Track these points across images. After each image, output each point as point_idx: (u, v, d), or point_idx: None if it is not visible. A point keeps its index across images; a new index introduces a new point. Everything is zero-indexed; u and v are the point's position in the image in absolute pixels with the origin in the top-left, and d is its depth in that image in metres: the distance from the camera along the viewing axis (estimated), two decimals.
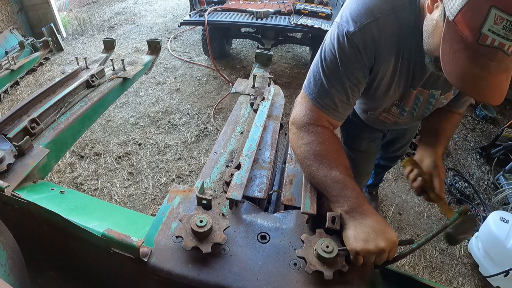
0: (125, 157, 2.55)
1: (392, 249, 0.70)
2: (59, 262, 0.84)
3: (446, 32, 0.63)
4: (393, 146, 1.64)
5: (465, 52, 0.61)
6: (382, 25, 0.77)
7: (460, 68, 0.63)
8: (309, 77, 0.89)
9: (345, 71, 0.82)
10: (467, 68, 0.62)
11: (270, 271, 0.69)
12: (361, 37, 0.78)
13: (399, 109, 1.06)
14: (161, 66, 3.87)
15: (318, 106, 0.86)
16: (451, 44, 0.62)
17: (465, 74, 0.62)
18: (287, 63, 4.07)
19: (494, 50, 0.58)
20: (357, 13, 0.77)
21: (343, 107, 0.88)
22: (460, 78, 0.64)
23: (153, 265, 0.69)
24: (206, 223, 0.68)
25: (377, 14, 0.76)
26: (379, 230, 0.70)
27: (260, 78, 1.48)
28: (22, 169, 0.94)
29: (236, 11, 3.39)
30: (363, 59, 0.81)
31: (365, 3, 0.78)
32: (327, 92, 0.85)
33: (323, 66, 0.85)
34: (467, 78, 0.63)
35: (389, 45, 0.81)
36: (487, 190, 2.50)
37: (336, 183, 0.78)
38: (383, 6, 0.77)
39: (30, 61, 2.35)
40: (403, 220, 2.21)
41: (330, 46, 0.83)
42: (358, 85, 0.86)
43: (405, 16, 0.77)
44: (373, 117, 1.17)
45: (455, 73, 0.64)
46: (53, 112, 1.21)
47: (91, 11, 5.56)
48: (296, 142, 0.88)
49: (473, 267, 1.95)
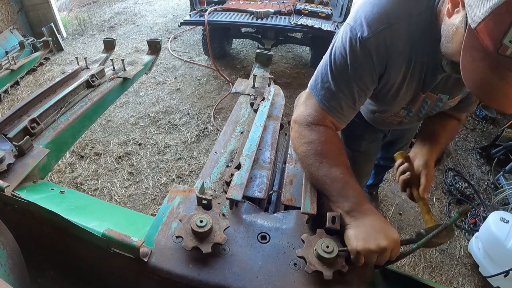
0: (125, 157, 2.55)
1: (394, 248, 0.69)
2: (59, 262, 0.84)
3: (467, 39, 0.64)
4: (394, 146, 1.64)
5: (485, 61, 0.61)
6: (396, 31, 0.76)
7: (478, 76, 0.63)
8: (317, 78, 0.88)
9: (354, 75, 0.82)
10: (486, 76, 0.62)
11: (270, 271, 0.69)
12: (374, 43, 0.77)
13: (407, 111, 1.06)
14: (161, 66, 3.87)
15: (323, 108, 0.86)
16: (471, 52, 0.63)
17: (483, 81, 0.63)
18: (287, 63, 4.07)
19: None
20: (372, 17, 0.76)
21: (348, 111, 0.88)
22: (478, 85, 0.64)
23: (153, 265, 0.69)
24: (206, 223, 0.68)
25: (392, 20, 0.75)
26: (380, 229, 0.70)
27: (260, 78, 1.48)
28: (22, 169, 0.94)
29: (236, 11, 3.39)
30: (374, 65, 0.80)
31: (381, 7, 0.76)
32: (334, 95, 0.84)
33: (332, 68, 0.84)
34: (485, 86, 0.64)
35: (401, 52, 0.80)
36: (487, 190, 2.50)
37: (337, 182, 0.78)
38: (399, 12, 0.76)
39: (30, 61, 2.35)
40: (403, 220, 2.21)
41: (341, 48, 0.81)
42: (365, 90, 0.86)
43: (421, 21, 0.76)
44: (380, 119, 1.18)
45: (474, 80, 0.64)
46: (53, 112, 1.21)
47: (91, 11, 5.56)
48: (298, 140, 0.88)
49: (473, 267, 1.95)
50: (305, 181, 0.87)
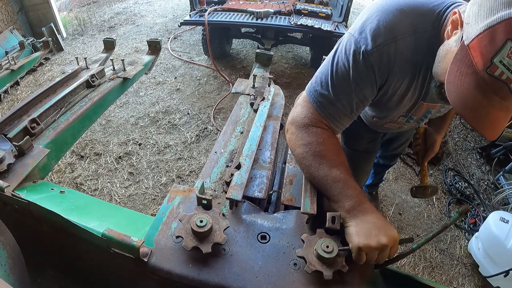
0: (125, 157, 2.55)
1: (393, 246, 0.70)
2: (59, 262, 0.84)
3: (458, 54, 0.63)
4: (393, 144, 1.64)
5: (471, 77, 0.61)
6: (400, 46, 0.76)
7: (462, 91, 0.62)
8: (316, 83, 0.87)
9: (356, 88, 0.82)
10: (470, 93, 0.61)
11: (270, 271, 0.69)
12: (377, 58, 0.77)
13: (406, 118, 1.07)
14: (161, 66, 3.87)
15: (321, 114, 0.86)
16: (460, 66, 0.63)
17: (467, 97, 0.62)
18: (287, 63, 4.07)
19: (500, 83, 0.58)
20: (377, 31, 0.76)
21: (345, 120, 0.88)
22: (460, 100, 0.63)
23: (153, 265, 0.69)
24: (206, 223, 0.68)
25: (397, 35, 0.75)
26: (380, 227, 0.70)
27: (260, 78, 1.48)
28: (22, 169, 0.94)
29: (236, 11, 3.39)
30: (375, 77, 0.81)
31: (387, 21, 0.76)
32: (332, 104, 0.84)
33: (333, 78, 0.83)
34: (468, 102, 0.63)
35: (404, 66, 0.80)
36: (487, 190, 2.50)
37: (337, 182, 0.78)
38: (404, 27, 0.76)
39: (30, 61, 2.35)
40: (403, 220, 2.21)
41: (345, 60, 0.81)
42: (364, 101, 0.86)
43: (426, 38, 0.76)
44: (378, 123, 1.19)
45: (457, 94, 0.64)
46: (53, 112, 1.21)
47: (91, 11, 5.56)
48: (294, 142, 0.87)
49: (473, 267, 1.95)
50: (305, 181, 0.87)
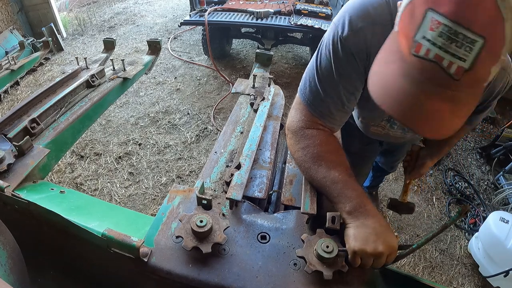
0: (125, 157, 2.55)
1: (390, 254, 0.68)
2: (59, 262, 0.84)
3: (386, 43, 0.57)
4: (393, 156, 1.67)
5: (397, 63, 0.53)
6: (378, 30, 0.70)
7: (387, 80, 0.54)
8: (305, 82, 0.85)
9: (340, 78, 0.78)
10: (395, 81, 0.53)
11: (270, 271, 0.69)
12: (353, 41, 0.73)
13: (389, 123, 1.06)
14: (161, 66, 3.87)
15: (313, 113, 0.84)
16: (387, 55, 0.56)
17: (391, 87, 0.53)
18: (287, 63, 4.07)
19: (430, 64, 0.49)
20: (355, 14, 0.73)
21: (339, 115, 0.85)
22: (383, 90, 0.54)
23: (153, 265, 0.68)
24: (206, 223, 0.68)
25: (376, 19, 0.71)
26: (380, 233, 0.69)
27: (260, 78, 1.48)
28: (22, 169, 0.94)
29: (236, 11, 3.39)
30: (358, 64, 0.76)
31: (365, 7, 0.72)
32: (322, 100, 0.82)
33: (318, 73, 0.81)
34: (393, 93, 0.53)
35: None
36: (487, 190, 2.50)
37: (336, 183, 0.77)
38: (383, 14, 0.70)
39: (30, 61, 2.35)
40: (403, 220, 2.21)
41: (326, 50, 0.78)
42: (354, 92, 0.82)
43: None
44: (366, 126, 1.17)
45: (380, 84, 0.55)
46: (53, 112, 1.21)
47: (91, 11, 5.56)
48: (293, 146, 0.87)
49: (473, 267, 1.95)
50: (305, 181, 0.87)
